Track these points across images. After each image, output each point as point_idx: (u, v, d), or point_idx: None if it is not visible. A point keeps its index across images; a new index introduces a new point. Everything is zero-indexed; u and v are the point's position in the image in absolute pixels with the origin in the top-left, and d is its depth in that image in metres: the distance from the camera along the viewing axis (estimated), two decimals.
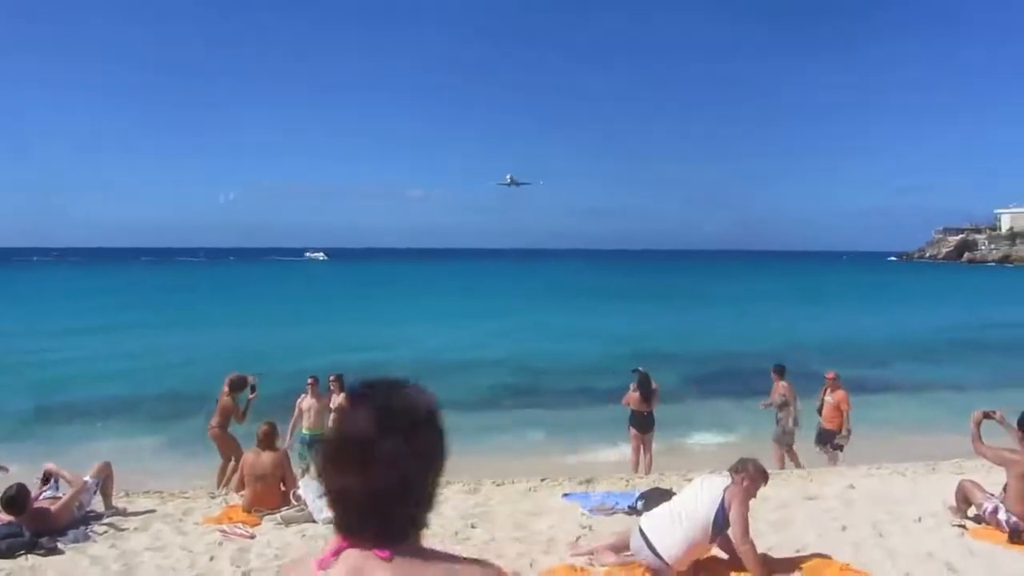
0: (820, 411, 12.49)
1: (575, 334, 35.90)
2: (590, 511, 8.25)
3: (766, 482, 6.36)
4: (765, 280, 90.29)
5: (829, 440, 12.24)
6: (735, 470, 6.29)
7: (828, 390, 12.41)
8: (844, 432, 12.18)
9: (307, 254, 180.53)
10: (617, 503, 8.38)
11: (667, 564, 5.97)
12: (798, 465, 11.93)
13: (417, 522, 1.61)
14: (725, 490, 6.09)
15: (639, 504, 7.99)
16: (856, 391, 22.27)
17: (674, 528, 6.01)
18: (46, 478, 8.03)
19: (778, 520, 7.79)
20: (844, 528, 7.41)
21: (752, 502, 6.23)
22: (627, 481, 10.16)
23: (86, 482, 7.80)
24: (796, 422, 12.32)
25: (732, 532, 6.01)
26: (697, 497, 6.13)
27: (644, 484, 9.58)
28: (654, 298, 59.49)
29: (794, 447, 12.43)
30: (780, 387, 12.45)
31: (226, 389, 10.97)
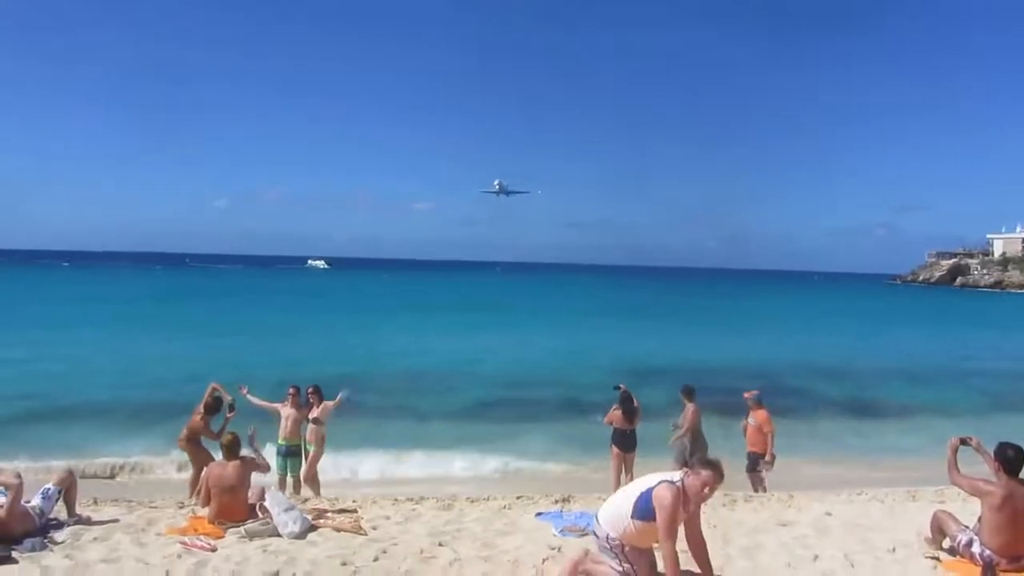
0: (745, 433, 12.12)
1: (568, 349, 35.89)
2: (561, 532, 8.11)
3: (719, 478, 6.02)
4: (758, 299, 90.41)
5: (756, 464, 11.91)
6: (688, 466, 6.23)
7: (750, 411, 12.03)
8: (768, 457, 11.77)
9: (309, 262, 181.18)
10: (589, 524, 8.19)
11: (600, 525, 6.22)
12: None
13: None
14: (661, 482, 6.00)
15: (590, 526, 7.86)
16: (844, 415, 22.55)
17: (613, 501, 6.34)
18: None
19: (750, 546, 7.66)
20: (816, 557, 7.27)
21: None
22: (605, 501, 10.01)
23: (19, 483, 7.56)
24: (697, 444, 11.92)
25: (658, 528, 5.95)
26: (641, 480, 6.23)
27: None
28: (650, 315, 59.57)
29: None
30: (688, 409, 12.16)
31: (200, 409, 10.87)
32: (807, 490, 11.30)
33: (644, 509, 5.97)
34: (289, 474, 11.72)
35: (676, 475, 6.11)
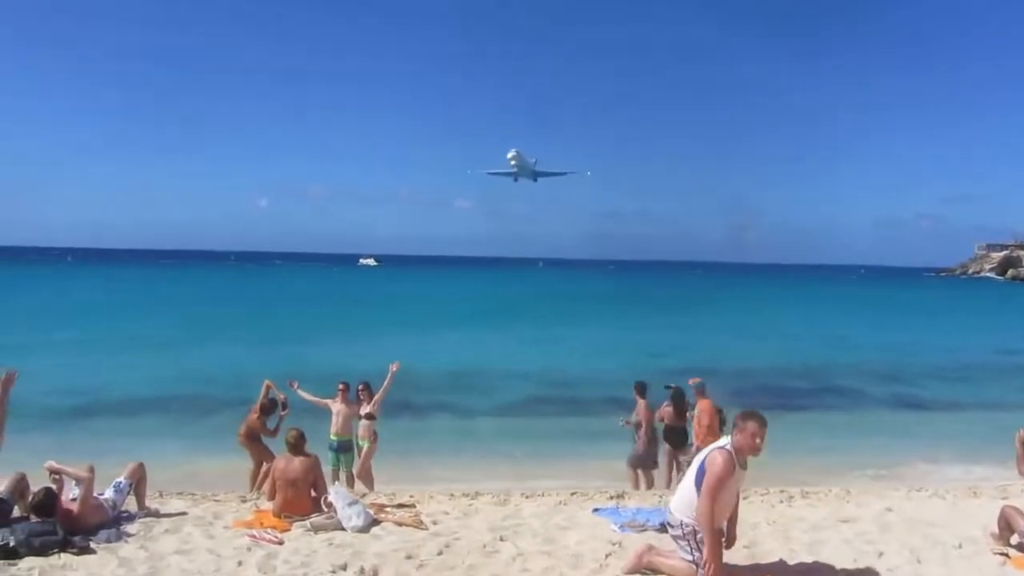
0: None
1: (607, 346, 35.76)
2: (620, 527, 8.14)
3: (762, 423, 5.97)
4: (800, 294, 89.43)
5: None
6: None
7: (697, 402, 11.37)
8: (694, 447, 11.01)
9: (360, 260, 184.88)
10: (648, 520, 8.25)
11: (673, 514, 6.30)
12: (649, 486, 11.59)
13: None
14: (712, 450, 6.12)
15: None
16: (891, 410, 22.24)
17: (679, 488, 6.50)
18: (54, 476, 8.03)
19: (812, 542, 7.63)
20: (881, 554, 7.22)
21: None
22: (660, 497, 10.02)
23: (90, 476, 7.79)
24: (652, 443, 11.67)
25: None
26: (696, 459, 6.38)
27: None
28: (686, 311, 59.14)
29: (652, 471, 11.88)
30: (640, 406, 11.82)
31: (257, 408, 11.16)
32: (864, 486, 11.26)
33: (702, 480, 6.07)
34: (342, 469, 11.86)
35: (723, 441, 6.17)
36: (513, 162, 74.22)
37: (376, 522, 8.10)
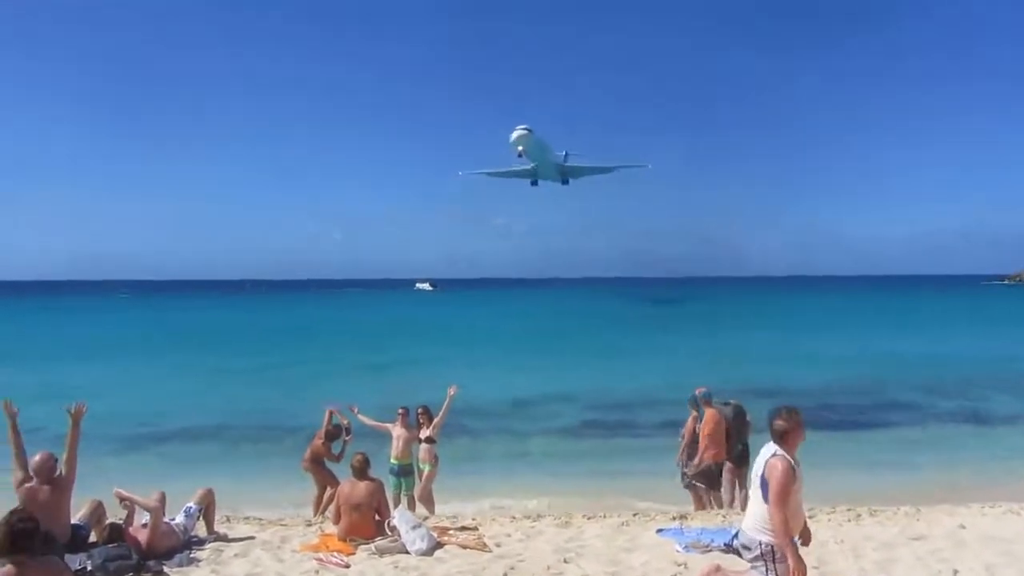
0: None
1: (659, 367, 35.38)
2: (685, 548, 8.07)
3: (798, 413, 5.83)
4: (853, 307, 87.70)
5: (713, 478, 10.76)
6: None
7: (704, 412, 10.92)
8: (696, 460, 10.71)
9: (416, 285, 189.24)
10: (713, 540, 8.16)
11: (747, 534, 6.07)
12: (701, 507, 10.98)
13: None
14: (767, 460, 5.91)
15: (736, 542, 7.72)
16: (965, 423, 21.59)
17: (748, 507, 6.20)
18: (124, 504, 8.21)
19: (883, 560, 7.48)
20: (955, 572, 7.05)
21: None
22: (723, 517, 9.90)
23: (158, 507, 7.98)
24: (691, 459, 11.09)
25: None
26: (755, 472, 6.11)
27: (740, 521, 9.27)
28: (739, 328, 58.38)
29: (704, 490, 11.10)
30: (689, 419, 11.24)
31: (322, 434, 11.41)
32: (934, 503, 10.94)
33: (767, 493, 5.91)
34: (403, 493, 11.93)
35: (773, 448, 6.04)
36: (520, 147, 44.80)
37: (440, 545, 8.16)
